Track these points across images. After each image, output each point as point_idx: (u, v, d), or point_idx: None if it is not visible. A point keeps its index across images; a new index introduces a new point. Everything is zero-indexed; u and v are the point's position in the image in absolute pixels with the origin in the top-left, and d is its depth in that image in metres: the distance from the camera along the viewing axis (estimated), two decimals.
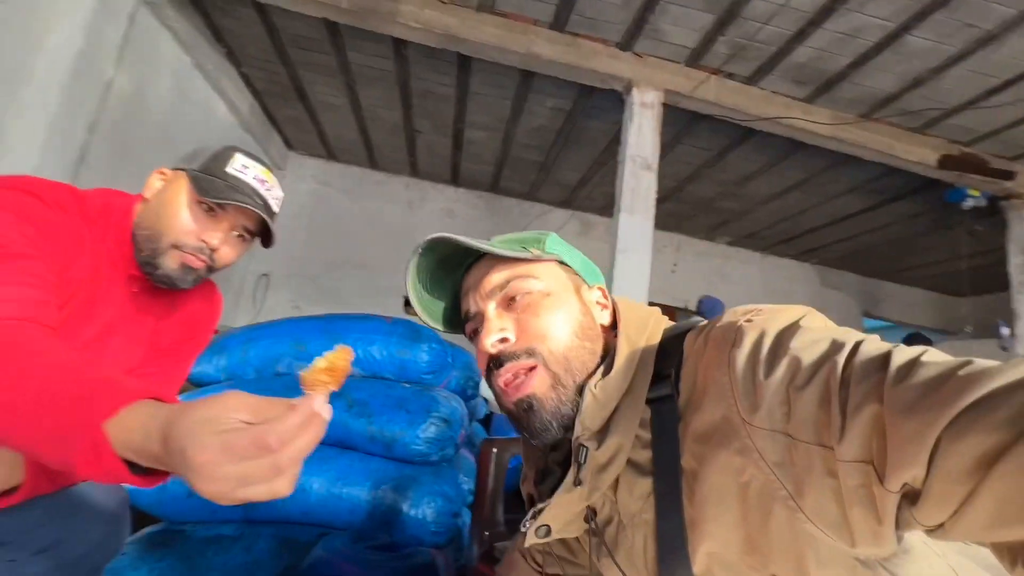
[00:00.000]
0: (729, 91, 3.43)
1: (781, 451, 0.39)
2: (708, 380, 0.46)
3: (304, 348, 1.59)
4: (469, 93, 3.95)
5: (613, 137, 4.20)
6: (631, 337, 0.54)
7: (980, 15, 2.68)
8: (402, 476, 1.39)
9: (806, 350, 0.39)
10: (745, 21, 2.91)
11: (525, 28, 3.13)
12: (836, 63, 3.17)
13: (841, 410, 0.35)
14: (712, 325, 0.50)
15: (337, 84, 4.03)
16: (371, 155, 5.28)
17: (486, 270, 0.59)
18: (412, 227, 5.61)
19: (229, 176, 0.85)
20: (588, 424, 0.50)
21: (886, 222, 5.17)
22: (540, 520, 0.54)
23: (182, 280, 0.84)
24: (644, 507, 0.50)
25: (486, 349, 0.54)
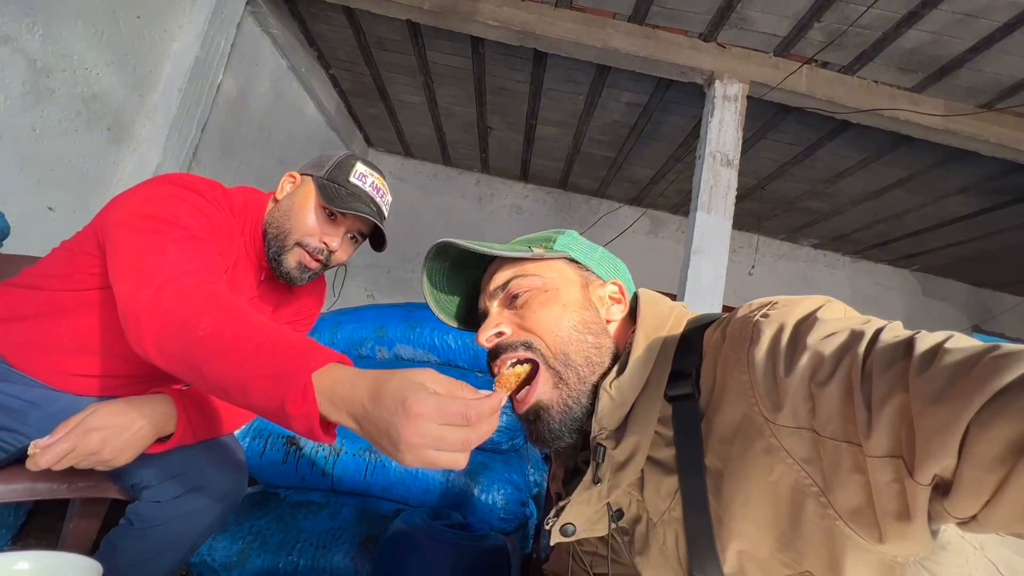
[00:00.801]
0: (823, 81, 3.19)
1: (809, 448, 0.38)
2: (727, 379, 0.45)
3: (385, 333, 1.68)
4: (543, 89, 3.96)
5: (690, 132, 4.05)
6: (648, 332, 0.53)
7: None
8: (474, 462, 1.43)
9: (825, 343, 0.38)
10: (846, 4, 2.69)
11: (603, 22, 3.09)
12: (953, 47, 2.85)
13: (866, 404, 0.34)
14: (729, 320, 0.48)
15: (416, 83, 4.18)
16: (444, 151, 5.44)
17: (494, 271, 0.62)
18: (482, 222, 5.73)
19: (350, 184, 0.95)
20: (605, 423, 0.51)
21: (1006, 225, 4.59)
22: (563, 518, 0.54)
23: (299, 278, 0.95)
24: (672, 505, 0.50)
25: (480, 341, 0.57)
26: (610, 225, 5.65)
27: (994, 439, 0.29)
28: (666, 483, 0.50)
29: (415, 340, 1.66)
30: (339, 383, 0.49)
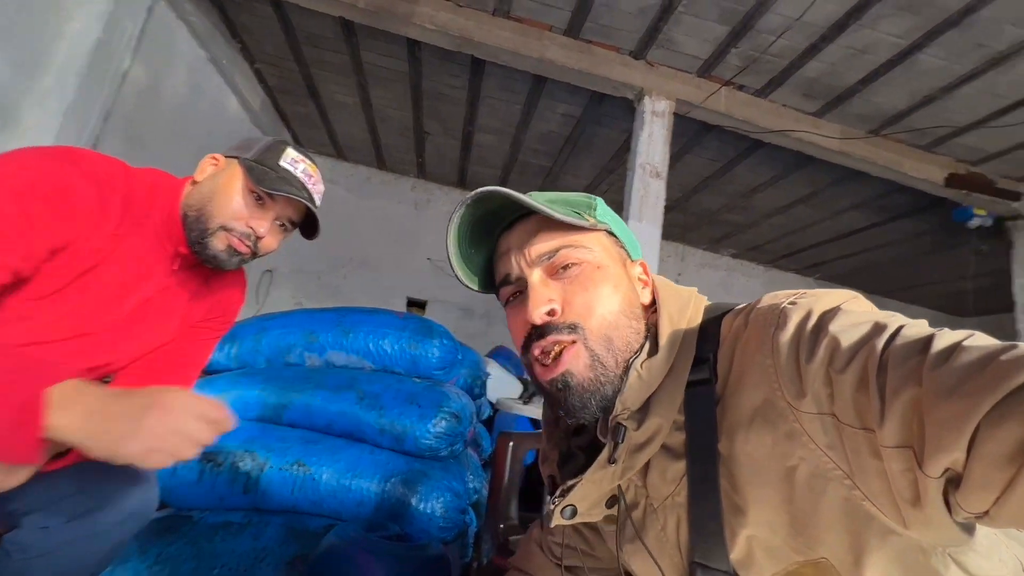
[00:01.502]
0: (739, 103, 3.45)
1: (831, 434, 0.38)
2: (749, 362, 0.45)
3: (316, 339, 1.59)
4: (480, 96, 3.97)
5: (621, 145, 4.22)
6: (673, 317, 0.52)
7: (992, 36, 2.71)
8: (411, 470, 1.38)
9: (847, 332, 0.39)
10: (758, 34, 2.94)
11: (540, 34, 3.16)
12: (847, 79, 3.19)
13: (880, 394, 0.34)
14: (753, 307, 0.49)
15: (349, 83, 4.05)
16: (379, 155, 5.30)
17: (532, 233, 0.54)
18: (418, 228, 5.63)
19: (281, 168, 0.88)
20: (629, 404, 0.49)
21: (891, 239, 5.19)
22: (568, 499, 0.52)
23: (228, 262, 0.87)
24: (677, 490, 0.49)
25: (532, 319, 0.51)
26: None
27: (1004, 438, 0.29)
28: (673, 468, 0.50)
29: (349, 346, 1.59)
30: (79, 386, 0.52)
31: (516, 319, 0.55)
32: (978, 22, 2.63)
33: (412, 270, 5.55)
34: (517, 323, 0.55)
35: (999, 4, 2.51)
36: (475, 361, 1.93)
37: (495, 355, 4.04)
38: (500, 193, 0.52)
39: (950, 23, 2.66)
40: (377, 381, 1.50)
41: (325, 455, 1.35)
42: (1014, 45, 2.73)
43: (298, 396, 1.43)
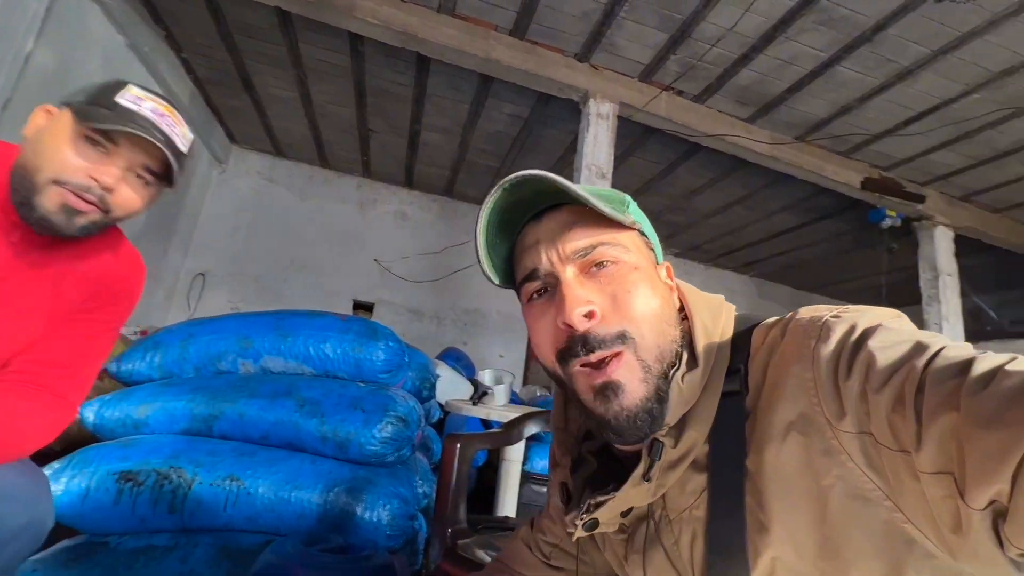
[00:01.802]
0: (679, 107, 3.59)
1: (870, 453, 0.37)
2: (785, 374, 0.43)
3: (250, 344, 1.49)
4: (426, 94, 3.91)
5: (568, 146, 4.29)
6: (707, 327, 0.50)
7: (899, 52, 2.96)
8: (356, 478, 1.33)
9: (887, 350, 0.37)
10: (695, 42, 3.07)
11: (486, 33, 3.15)
12: (775, 87, 3.40)
13: (916, 416, 0.33)
14: (791, 318, 0.46)
15: (287, 77, 3.87)
16: (321, 152, 5.11)
17: (567, 225, 0.49)
18: (363, 229, 5.47)
19: (119, 107, 0.74)
20: (668, 419, 0.46)
21: (817, 238, 5.58)
22: (597, 513, 0.49)
23: (66, 224, 0.72)
24: (696, 503, 0.47)
25: (572, 321, 0.45)
26: None
27: None
28: (694, 480, 0.48)
29: (287, 351, 1.50)
30: None
31: (543, 320, 0.50)
32: (887, 39, 2.87)
33: (358, 272, 5.39)
34: (543, 324, 0.50)
35: (904, 23, 2.75)
36: (423, 363, 1.89)
37: (445, 357, 3.99)
38: (547, 179, 0.47)
39: (863, 39, 2.88)
40: (318, 387, 1.43)
41: (261, 467, 1.27)
42: (917, 61, 3.00)
43: (231, 406, 1.34)
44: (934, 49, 2.90)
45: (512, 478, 1.92)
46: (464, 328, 5.68)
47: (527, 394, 3.35)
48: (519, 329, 5.83)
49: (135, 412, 1.40)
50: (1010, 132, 3.54)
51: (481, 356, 5.46)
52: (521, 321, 2.52)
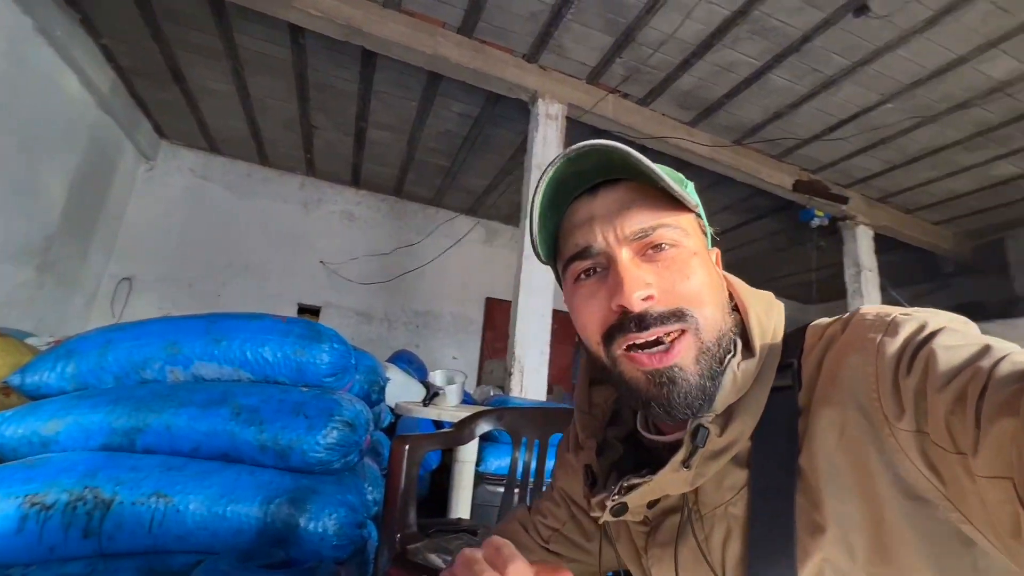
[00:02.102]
0: (625, 110, 3.68)
1: (929, 453, 0.36)
2: (843, 366, 0.41)
3: (179, 351, 1.38)
4: (373, 91, 3.81)
5: (519, 146, 4.30)
6: (761, 319, 0.48)
7: (823, 62, 3.17)
8: (299, 487, 1.25)
9: (952, 350, 0.36)
10: (639, 46, 3.16)
11: (433, 29, 3.10)
12: (714, 92, 3.55)
13: (976, 420, 0.32)
14: (852, 315, 0.45)
15: (222, 68, 3.66)
16: (261, 149, 4.87)
17: (625, 203, 0.46)
18: (308, 229, 5.26)
19: None
20: (717, 405, 0.44)
21: (755, 237, 5.89)
22: (627, 497, 0.47)
23: None
24: (734, 500, 0.45)
25: (630, 304, 0.43)
26: (447, 234, 5.70)
27: None
28: (732, 476, 0.45)
29: (221, 356, 1.40)
30: None
31: (592, 301, 0.47)
32: (812, 50, 3.06)
33: (303, 274, 5.17)
34: (593, 305, 0.47)
35: (827, 36, 2.95)
36: (372, 366, 1.82)
37: (396, 360, 3.89)
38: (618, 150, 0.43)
39: (792, 49, 3.07)
40: (256, 393, 1.34)
41: (192, 481, 1.17)
42: (839, 71, 3.23)
43: (156, 417, 1.23)
44: (853, 61, 3.13)
45: (465, 479, 1.89)
46: (416, 331, 5.58)
47: (481, 394, 3.33)
48: (472, 330, 5.80)
49: (43, 428, 1.26)
50: (919, 139, 3.88)
51: (434, 358, 5.38)
52: (474, 322, 2.57)
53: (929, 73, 3.18)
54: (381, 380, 1.89)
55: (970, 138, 3.81)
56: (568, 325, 2.26)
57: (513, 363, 3.15)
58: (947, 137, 3.83)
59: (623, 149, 0.43)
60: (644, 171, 0.44)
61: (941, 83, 3.26)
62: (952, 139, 3.84)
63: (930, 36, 2.89)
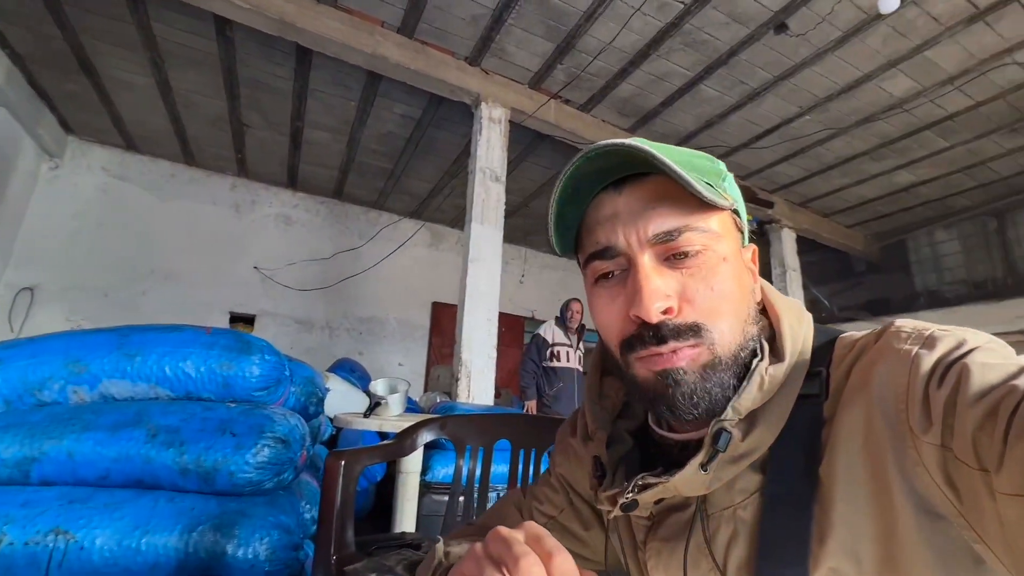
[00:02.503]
0: (567, 115, 3.75)
1: (949, 468, 0.35)
2: (873, 375, 0.40)
3: (85, 368, 1.25)
4: (309, 89, 3.66)
5: (463, 149, 4.28)
6: (794, 327, 0.47)
7: (749, 75, 3.37)
8: (226, 512, 1.17)
9: (989, 367, 0.35)
10: (579, 53, 3.22)
11: (372, 28, 3.02)
12: (650, 101, 3.69)
13: (1004, 436, 0.32)
14: (888, 325, 0.44)
15: (139, 60, 3.39)
16: (186, 148, 4.55)
17: (650, 201, 0.44)
18: (240, 233, 4.97)
19: None
20: (740, 408, 0.43)
21: None
22: (640, 495, 0.46)
23: None
24: (744, 503, 0.44)
25: (649, 317, 0.42)
26: (390, 238, 5.57)
27: None
28: (745, 480, 0.44)
29: (135, 373, 1.28)
30: None
31: (612, 306, 0.45)
32: (739, 63, 3.25)
33: (235, 281, 4.88)
34: (612, 311, 0.45)
35: (752, 50, 3.14)
36: (308, 377, 1.73)
37: (338, 369, 3.75)
38: (639, 151, 0.41)
39: (720, 62, 3.24)
40: (176, 412, 1.23)
41: (99, 514, 1.06)
42: (763, 84, 3.44)
43: (55, 444, 1.10)
44: (775, 75, 3.35)
45: (410, 490, 1.83)
46: (359, 337, 5.40)
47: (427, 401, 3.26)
48: (419, 336, 5.69)
49: None
50: (833, 149, 4.21)
51: (379, 366, 5.24)
52: (421, 327, 2.51)
53: (840, 88, 3.46)
54: (319, 391, 1.80)
55: (875, 149, 4.18)
56: (515, 328, 2.32)
57: (460, 368, 3.12)
58: (856, 148, 4.19)
59: (646, 151, 0.41)
60: (669, 172, 0.41)
61: (850, 98, 3.55)
62: (860, 149, 4.20)
63: (840, 55, 3.15)
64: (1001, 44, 3.05)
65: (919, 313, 5.36)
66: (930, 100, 3.55)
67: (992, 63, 3.19)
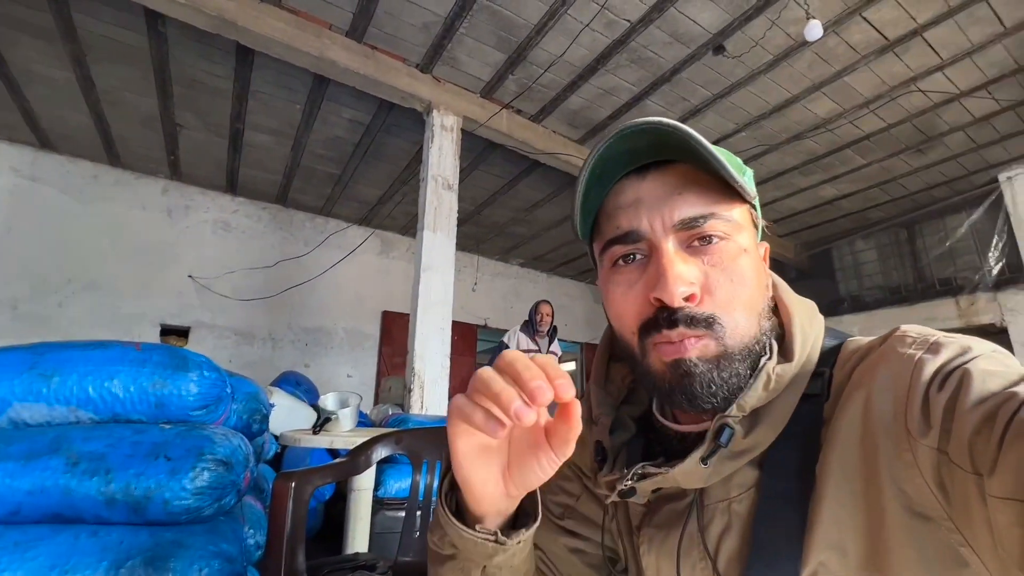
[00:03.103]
0: (518, 126, 3.79)
1: (942, 471, 0.35)
2: (875, 376, 0.41)
3: None
4: (251, 90, 3.50)
5: (414, 156, 4.23)
6: (804, 327, 0.47)
7: (690, 93, 3.55)
8: (159, 544, 1.08)
9: (990, 374, 0.36)
10: (530, 65, 3.27)
11: (319, 30, 2.94)
12: (599, 113, 3.80)
13: (999, 441, 0.32)
14: (894, 330, 0.44)
15: (56, 52, 3.12)
16: (111, 148, 4.22)
17: (676, 188, 0.44)
18: (172, 240, 4.66)
19: None
20: (745, 406, 0.43)
21: None
22: (639, 484, 0.46)
23: None
24: (739, 497, 0.45)
25: (672, 301, 0.41)
26: (338, 245, 5.40)
27: None
28: (741, 474, 0.45)
29: (52, 395, 1.16)
30: None
31: (630, 289, 0.45)
32: (681, 81, 3.42)
33: (167, 291, 4.56)
34: (631, 294, 0.44)
35: (693, 69, 3.30)
36: (252, 393, 1.64)
37: (282, 383, 3.57)
38: (678, 131, 0.40)
39: (664, 79, 3.39)
40: (100, 437, 1.13)
41: (8, 555, 0.95)
42: (704, 101, 3.63)
43: None
44: (714, 93, 3.54)
45: (363, 508, 1.77)
46: (305, 349, 5.18)
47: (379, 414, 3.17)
48: (369, 346, 5.53)
49: None
50: (767, 164, 4.50)
51: (326, 378, 5.04)
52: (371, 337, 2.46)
53: (772, 108, 3.70)
54: (263, 408, 1.71)
55: (803, 164, 4.50)
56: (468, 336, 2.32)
57: (413, 378, 3.06)
58: (786, 163, 4.49)
59: (683, 129, 0.41)
60: (703, 154, 0.41)
61: (781, 117, 3.81)
62: (790, 165, 4.51)
63: (771, 77, 3.38)
64: (908, 73, 3.38)
65: (843, 317, 5.80)
66: (849, 121, 3.87)
67: (901, 89, 3.53)
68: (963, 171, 4.68)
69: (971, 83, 3.49)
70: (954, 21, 2.97)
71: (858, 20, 2.94)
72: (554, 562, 0.58)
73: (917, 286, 5.54)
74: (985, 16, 2.94)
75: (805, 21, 2.70)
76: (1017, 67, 3.34)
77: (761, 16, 2.86)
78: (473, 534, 0.43)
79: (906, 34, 3.05)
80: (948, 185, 4.94)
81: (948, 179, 4.83)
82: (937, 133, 4.07)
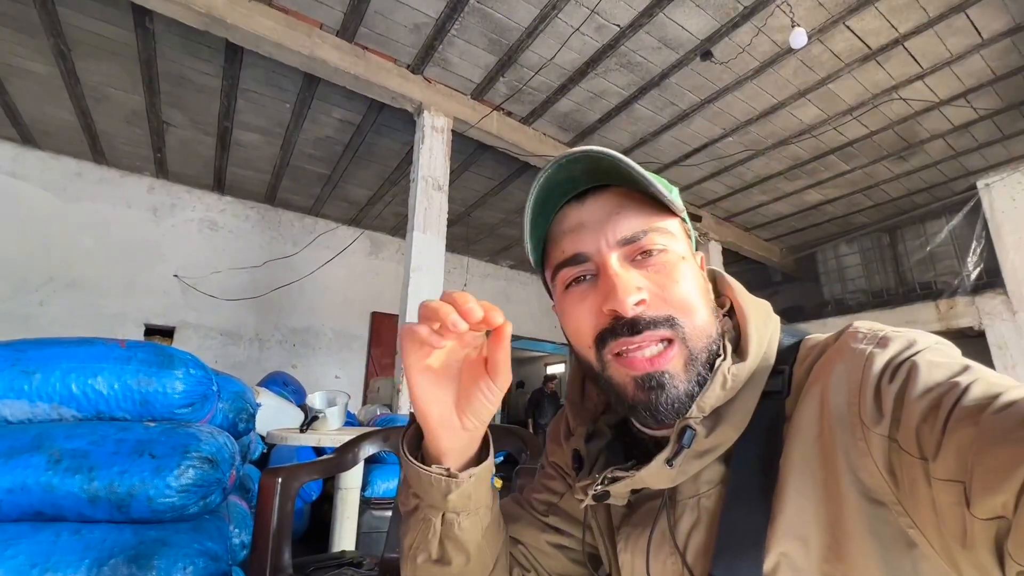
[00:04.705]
0: (509, 127, 3.81)
1: (892, 458, 0.38)
2: (829, 372, 0.43)
3: None
4: (239, 89, 3.48)
5: (404, 157, 4.22)
6: (760, 327, 0.49)
7: (678, 97, 3.59)
8: (143, 542, 1.07)
9: (937, 365, 0.38)
10: (520, 68, 3.29)
11: (309, 29, 2.93)
12: (588, 117, 3.83)
13: (943, 428, 0.34)
14: (846, 328, 0.47)
15: (39, 47, 3.08)
16: (95, 145, 4.16)
17: (614, 209, 0.47)
18: (158, 239, 4.60)
19: None
20: (704, 406, 0.45)
21: None
22: (610, 487, 0.48)
23: None
24: (707, 493, 0.47)
25: (624, 310, 0.44)
26: (327, 246, 5.37)
27: None
28: (709, 471, 0.47)
29: (34, 391, 1.15)
30: None
31: (582, 306, 0.47)
32: (670, 86, 3.46)
33: (152, 291, 4.50)
34: (583, 310, 0.47)
35: (681, 75, 3.35)
36: (238, 392, 1.63)
37: (270, 383, 3.55)
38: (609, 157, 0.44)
39: (653, 83, 3.43)
40: (83, 434, 1.12)
41: None
42: (692, 106, 3.68)
43: None
44: (702, 98, 3.59)
45: (349, 507, 1.77)
46: (293, 350, 5.14)
47: (366, 415, 3.16)
48: (357, 347, 5.50)
49: None
50: (753, 168, 4.57)
51: (314, 379, 5.00)
52: (359, 338, 2.47)
53: (758, 113, 3.76)
54: (250, 407, 1.70)
55: (789, 169, 4.58)
56: None
57: (401, 379, 3.05)
58: (772, 168, 4.56)
59: (612, 156, 0.44)
60: (634, 177, 0.45)
61: (767, 122, 3.88)
62: (776, 170, 4.59)
63: (758, 83, 3.44)
64: (890, 81, 3.46)
65: (827, 320, 5.89)
66: (833, 127, 3.95)
67: (883, 97, 3.61)
68: (943, 178, 4.79)
69: (950, 92, 3.58)
70: (934, 31, 3.05)
71: (842, 29, 3.00)
72: (537, 558, 0.61)
73: (899, 290, 5.64)
74: (963, 27, 3.03)
75: (790, 29, 2.76)
76: (994, 77, 3.44)
77: (748, 23, 2.91)
78: (428, 470, 0.46)
79: (888, 43, 3.12)
80: (928, 191, 5.06)
81: (928, 185, 4.94)
82: (918, 140, 4.16)
